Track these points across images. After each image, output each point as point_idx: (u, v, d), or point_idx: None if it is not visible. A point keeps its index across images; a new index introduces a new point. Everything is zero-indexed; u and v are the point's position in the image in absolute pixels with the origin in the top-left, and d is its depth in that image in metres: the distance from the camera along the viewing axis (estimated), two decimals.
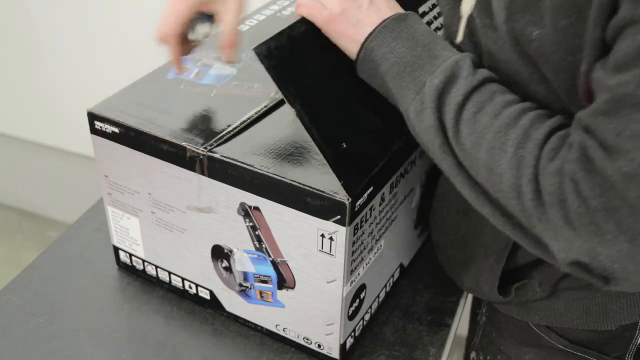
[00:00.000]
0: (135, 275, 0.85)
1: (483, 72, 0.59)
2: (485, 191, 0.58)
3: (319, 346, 0.74)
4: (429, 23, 0.76)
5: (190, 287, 0.80)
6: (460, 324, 0.84)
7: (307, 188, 0.63)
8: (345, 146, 0.63)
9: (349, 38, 0.65)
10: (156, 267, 0.82)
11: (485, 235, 0.71)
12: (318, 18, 0.66)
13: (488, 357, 0.83)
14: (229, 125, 0.71)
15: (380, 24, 0.63)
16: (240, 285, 0.75)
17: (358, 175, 0.64)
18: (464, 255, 0.76)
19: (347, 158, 0.63)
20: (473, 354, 0.87)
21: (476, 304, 0.88)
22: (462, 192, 0.60)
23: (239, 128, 0.71)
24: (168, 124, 0.71)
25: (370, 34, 0.63)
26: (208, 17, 0.75)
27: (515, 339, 0.77)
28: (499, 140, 0.55)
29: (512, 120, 0.55)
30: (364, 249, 0.69)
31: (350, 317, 0.72)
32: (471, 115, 0.57)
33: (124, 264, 0.85)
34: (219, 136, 0.69)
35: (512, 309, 0.75)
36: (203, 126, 0.71)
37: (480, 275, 0.74)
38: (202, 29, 0.76)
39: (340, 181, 0.62)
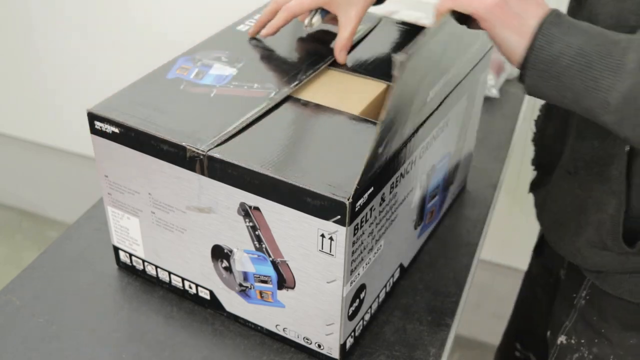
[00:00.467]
0: (135, 275, 0.85)
1: None
2: None
3: (319, 346, 0.74)
4: None
5: (190, 287, 0.80)
6: (461, 323, 0.84)
7: (307, 188, 0.63)
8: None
9: (513, 30, 0.61)
10: (156, 267, 0.82)
11: (598, 190, 0.74)
12: (478, 7, 0.62)
13: (582, 341, 0.83)
14: (229, 125, 0.71)
15: (545, 18, 0.61)
16: (240, 285, 0.75)
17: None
18: (579, 217, 0.78)
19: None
20: (562, 338, 0.86)
21: (572, 287, 0.86)
22: None
23: (239, 128, 0.71)
24: (168, 124, 0.71)
25: (539, 29, 0.60)
26: (323, 11, 0.87)
27: (619, 322, 0.78)
28: None
29: None
30: (364, 249, 0.69)
31: (350, 317, 0.73)
32: None
33: (124, 264, 0.85)
34: (219, 136, 0.69)
35: (624, 290, 0.76)
36: (203, 126, 0.71)
37: (601, 229, 0.74)
38: (314, 19, 0.87)
39: (340, 181, 0.61)
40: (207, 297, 0.79)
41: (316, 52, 0.86)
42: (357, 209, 0.63)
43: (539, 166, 0.93)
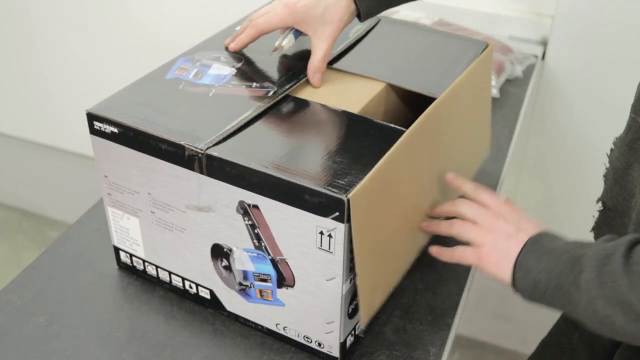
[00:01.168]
0: (135, 275, 0.85)
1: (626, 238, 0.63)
2: None
3: (319, 345, 0.74)
4: None
5: (191, 287, 0.80)
6: (461, 323, 0.84)
7: (305, 185, 0.63)
8: None
9: (500, 267, 0.70)
10: (156, 267, 0.82)
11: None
12: (471, 260, 0.73)
13: None
14: (227, 124, 0.71)
15: (522, 249, 0.68)
16: (240, 284, 0.75)
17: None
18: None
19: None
20: None
21: (630, 357, 0.81)
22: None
23: (237, 127, 0.71)
24: (167, 124, 0.71)
25: (516, 263, 0.68)
26: (297, 32, 0.84)
27: None
28: None
29: None
30: None
31: (350, 315, 0.73)
32: None
33: (125, 264, 0.85)
34: (217, 135, 0.69)
35: None
36: (202, 125, 0.71)
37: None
38: (284, 41, 0.84)
39: (338, 178, 0.61)
40: (208, 296, 0.79)
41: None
42: None
43: (607, 207, 0.84)
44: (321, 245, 0.66)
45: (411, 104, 0.85)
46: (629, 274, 0.59)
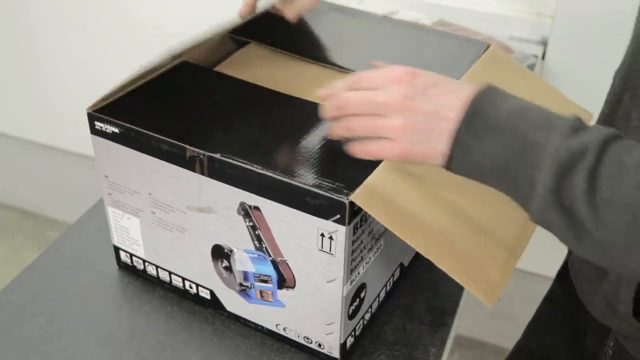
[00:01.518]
0: (135, 275, 0.85)
1: (597, 136, 0.52)
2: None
3: (320, 345, 0.74)
4: None
5: (191, 287, 0.80)
6: (461, 323, 0.84)
7: (306, 187, 0.63)
8: None
9: (431, 159, 0.58)
10: (157, 267, 0.82)
11: None
12: (391, 153, 0.60)
13: None
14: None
15: (456, 132, 0.56)
16: (241, 284, 0.75)
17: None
18: (596, 278, 0.72)
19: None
20: None
21: (602, 335, 0.79)
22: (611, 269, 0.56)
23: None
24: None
25: (453, 144, 0.56)
26: None
27: None
28: None
29: None
30: (364, 248, 0.69)
31: (351, 317, 0.73)
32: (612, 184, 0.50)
33: (125, 264, 0.85)
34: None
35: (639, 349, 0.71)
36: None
37: (608, 295, 0.69)
38: None
39: (339, 180, 0.61)
40: (208, 296, 0.79)
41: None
42: (356, 207, 0.63)
43: None
44: (322, 247, 0.66)
45: None
46: (591, 206, 0.51)
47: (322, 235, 0.65)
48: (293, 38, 0.89)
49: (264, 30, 0.90)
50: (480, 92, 0.57)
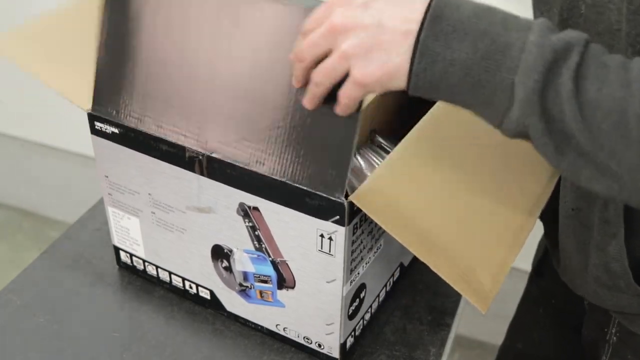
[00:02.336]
0: (135, 275, 0.85)
1: (575, 37, 0.49)
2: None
3: (319, 346, 0.74)
4: None
5: (191, 287, 0.80)
6: (461, 323, 0.84)
7: (306, 188, 0.63)
8: None
9: (395, 79, 0.53)
10: (157, 267, 0.82)
11: (599, 231, 0.66)
12: (356, 92, 0.55)
13: None
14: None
15: (418, 38, 0.51)
16: (241, 285, 0.75)
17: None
18: (587, 259, 0.70)
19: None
20: None
21: (602, 321, 0.78)
22: (591, 187, 0.52)
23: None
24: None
25: (414, 55, 0.51)
26: None
27: None
28: None
29: None
30: (364, 248, 0.69)
31: (351, 317, 0.73)
32: (595, 93, 0.47)
33: (125, 264, 0.85)
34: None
35: None
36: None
37: (610, 271, 0.68)
38: None
39: (339, 181, 0.61)
40: (208, 297, 0.80)
41: None
42: (355, 208, 0.63)
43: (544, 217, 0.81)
44: (321, 248, 0.66)
45: (411, 105, 0.85)
46: (577, 107, 0.48)
47: (322, 236, 0.65)
48: None
49: None
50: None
